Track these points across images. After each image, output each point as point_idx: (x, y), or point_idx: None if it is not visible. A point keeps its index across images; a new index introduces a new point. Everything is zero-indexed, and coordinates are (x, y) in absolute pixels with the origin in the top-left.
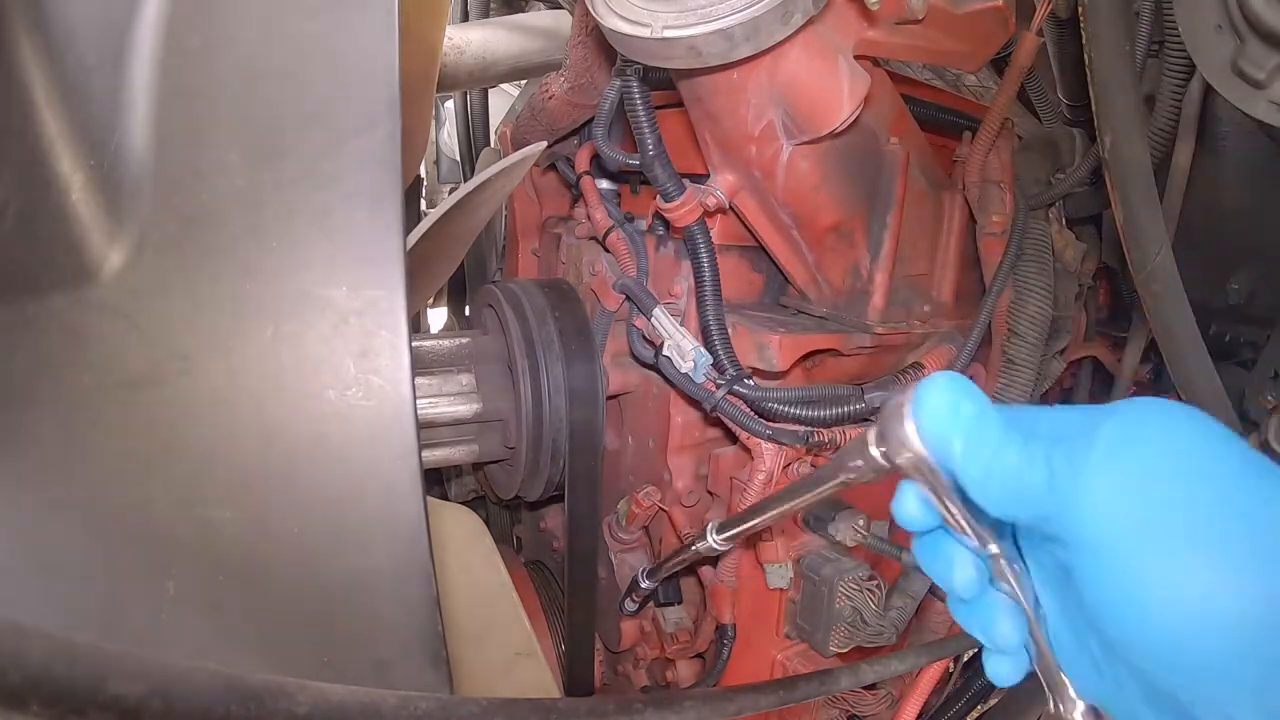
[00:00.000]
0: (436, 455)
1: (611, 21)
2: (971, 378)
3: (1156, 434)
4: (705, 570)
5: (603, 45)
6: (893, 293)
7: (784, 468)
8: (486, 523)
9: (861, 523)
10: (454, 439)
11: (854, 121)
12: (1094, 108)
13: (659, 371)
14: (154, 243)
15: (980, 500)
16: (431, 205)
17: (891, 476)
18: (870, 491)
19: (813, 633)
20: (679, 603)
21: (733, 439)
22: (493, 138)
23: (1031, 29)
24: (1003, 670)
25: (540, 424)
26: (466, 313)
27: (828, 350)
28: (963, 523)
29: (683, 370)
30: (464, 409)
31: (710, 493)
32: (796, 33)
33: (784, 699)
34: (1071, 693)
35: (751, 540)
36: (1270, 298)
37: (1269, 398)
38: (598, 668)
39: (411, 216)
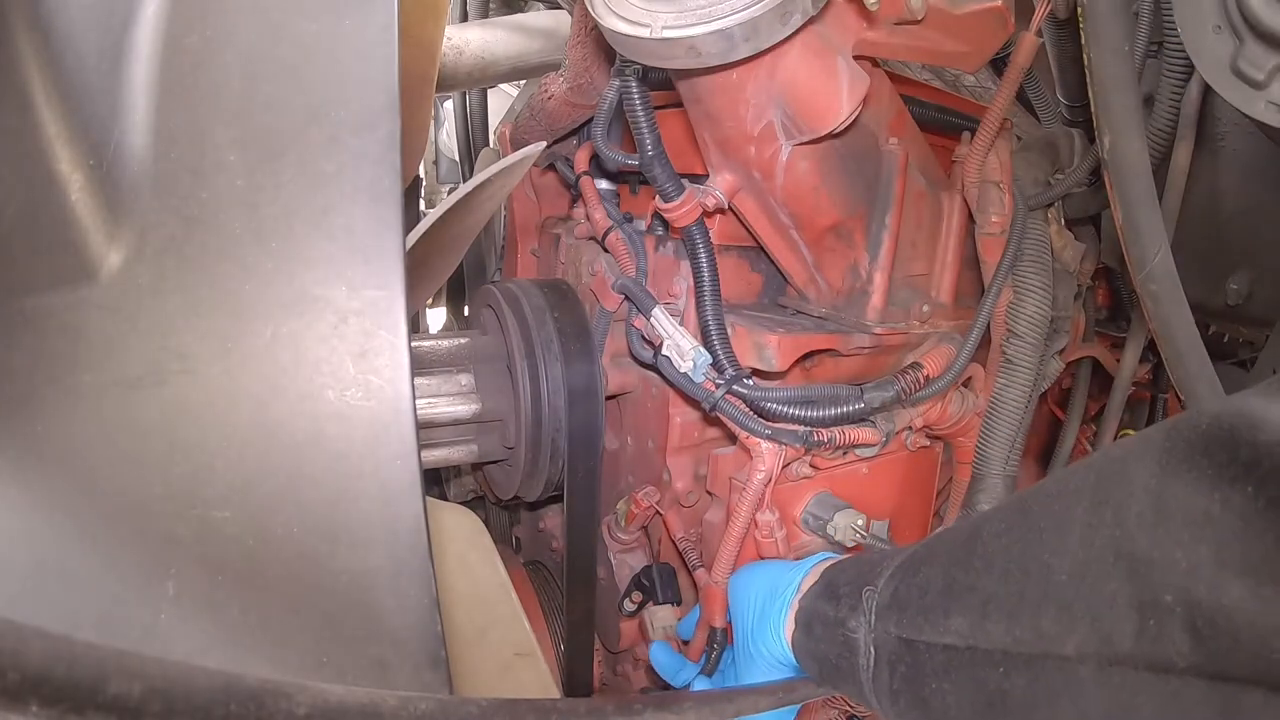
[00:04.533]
0: (435, 455)
1: (611, 22)
2: (970, 377)
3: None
4: (700, 573)
5: (602, 45)
6: (892, 293)
7: (783, 467)
8: (485, 523)
9: (860, 523)
10: (453, 439)
11: (853, 122)
12: (1093, 108)
13: (658, 371)
14: (154, 243)
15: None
16: (430, 205)
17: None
18: (869, 491)
19: None
20: (677, 603)
21: (732, 439)
22: (492, 138)
23: (1030, 29)
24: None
25: (539, 424)
26: (465, 313)
27: (826, 350)
28: None
29: (682, 370)
30: (463, 409)
31: (710, 493)
32: (796, 33)
33: (783, 700)
34: None
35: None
36: (1269, 298)
37: None
38: (597, 668)
39: (410, 217)
